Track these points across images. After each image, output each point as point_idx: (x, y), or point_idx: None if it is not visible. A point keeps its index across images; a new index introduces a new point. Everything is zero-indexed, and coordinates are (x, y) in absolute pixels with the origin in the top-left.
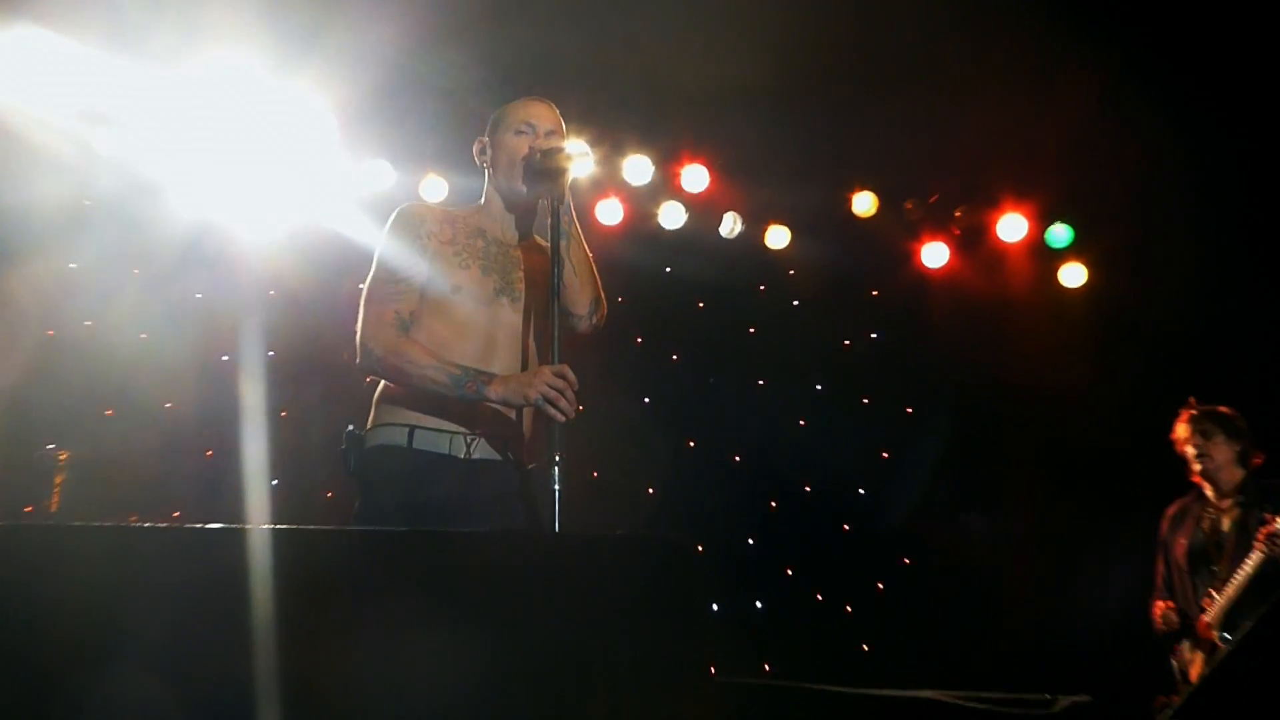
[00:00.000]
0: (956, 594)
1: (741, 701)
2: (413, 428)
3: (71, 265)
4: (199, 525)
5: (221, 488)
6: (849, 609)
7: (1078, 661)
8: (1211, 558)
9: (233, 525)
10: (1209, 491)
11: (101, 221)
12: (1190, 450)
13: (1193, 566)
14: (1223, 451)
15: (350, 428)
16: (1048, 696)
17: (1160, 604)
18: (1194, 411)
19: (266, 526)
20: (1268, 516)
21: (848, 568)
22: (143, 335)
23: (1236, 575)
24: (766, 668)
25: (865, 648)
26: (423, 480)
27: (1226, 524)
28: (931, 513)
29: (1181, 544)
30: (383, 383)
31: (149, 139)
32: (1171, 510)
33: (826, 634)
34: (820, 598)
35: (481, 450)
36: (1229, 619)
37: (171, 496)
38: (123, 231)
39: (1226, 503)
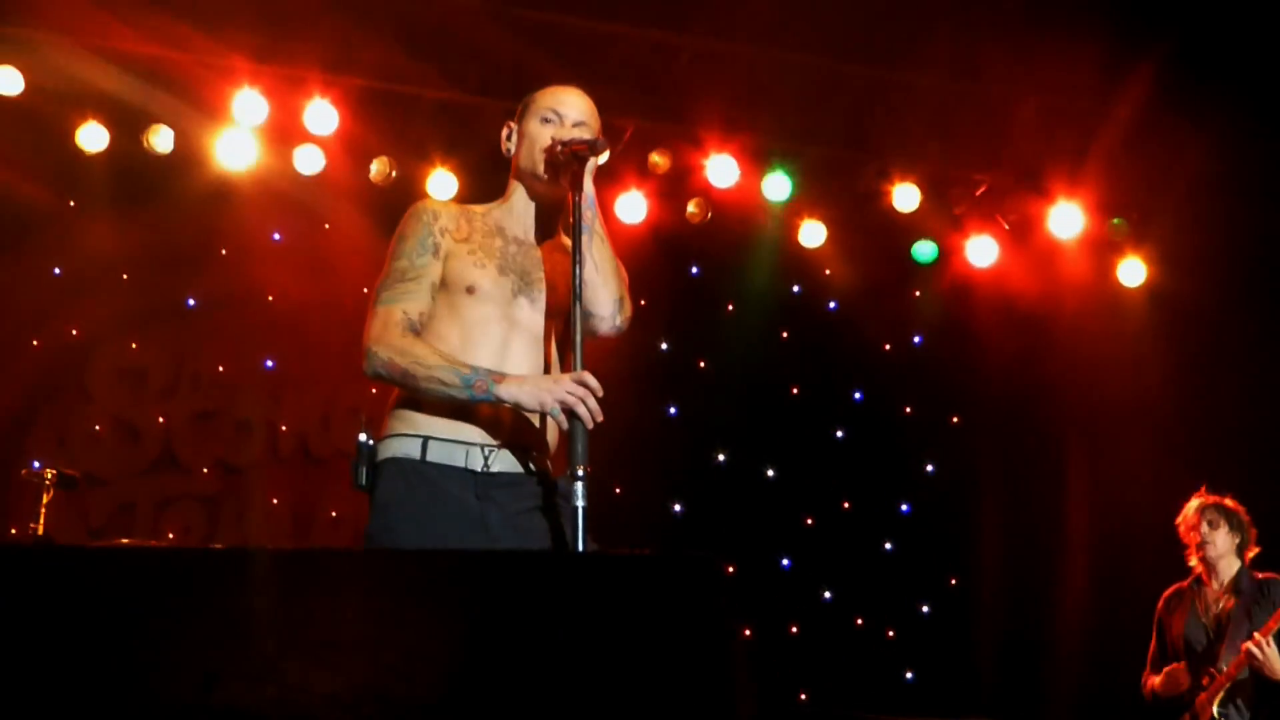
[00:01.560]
0: (1007, 617)
1: None
2: (426, 438)
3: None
4: (199, 548)
5: (217, 506)
6: (891, 634)
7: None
8: (1210, 643)
9: (233, 547)
10: (1207, 578)
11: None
12: (1195, 536)
13: (1189, 649)
14: (1225, 542)
15: (361, 438)
16: None
17: (1154, 677)
18: (1204, 499)
19: (265, 548)
20: (1255, 639)
21: (890, 589)
22: (132, 344)
23: (1235, 662)
24: (803, 696)
25: (909, 675)
26: (437, 496)
27: (1224, 612)
28: (980, 530)
29: (1179, 626)
30: (396, 393)
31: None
32: (1168, 592)
33: (867, 660)
34: (860, 622)
35: (501, 462)
36: (1226, 700)
37: (165, 516)
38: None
39: (1223, 592)
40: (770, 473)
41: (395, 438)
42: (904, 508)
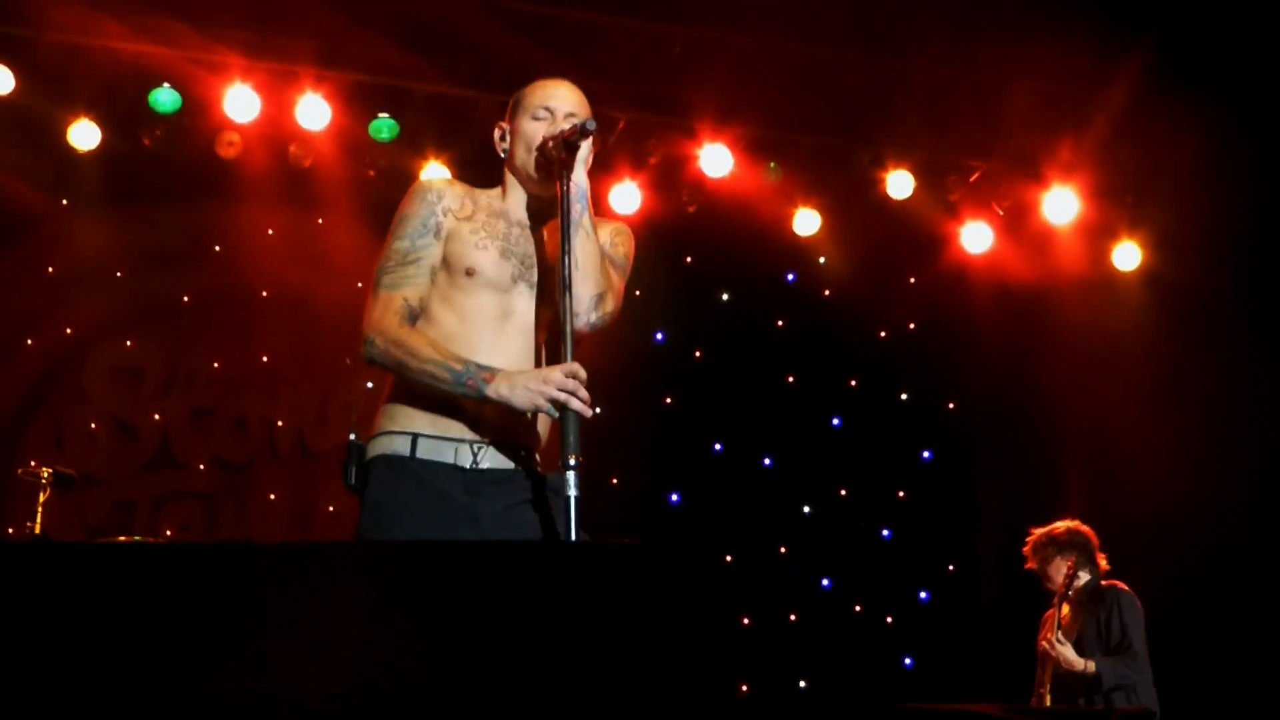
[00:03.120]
0: (1006, 602)
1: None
2: (415, 435)
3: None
4: (196, 544)
5: (216, 503)
6: (890, 620)
7: None
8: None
9: (231, 542)
10: (1057, 600)
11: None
12: (1037, 574)
13: (1041, 668)
14: (1058, 569)
15: (351, 437)
16: (1107, 708)
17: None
18: (1032, 539)
19: (264, 544)
20: (1046, 637)
21: (888, 576)
22: (128, 342)
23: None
24: (801, 684)
25: (908, 661)
26: (426, 492)
27: (1070, 622)
28: (978, 515)
29: (1039, 646)
30: (389, 385)
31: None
32: (1044, 616)
33: (866, 647)
34: (859, 609)
35: (490, 459)
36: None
37: (163, 513)
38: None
39: (1072, 606)
40: (767, 462)
41: (384, 435)
42: (901, 494)
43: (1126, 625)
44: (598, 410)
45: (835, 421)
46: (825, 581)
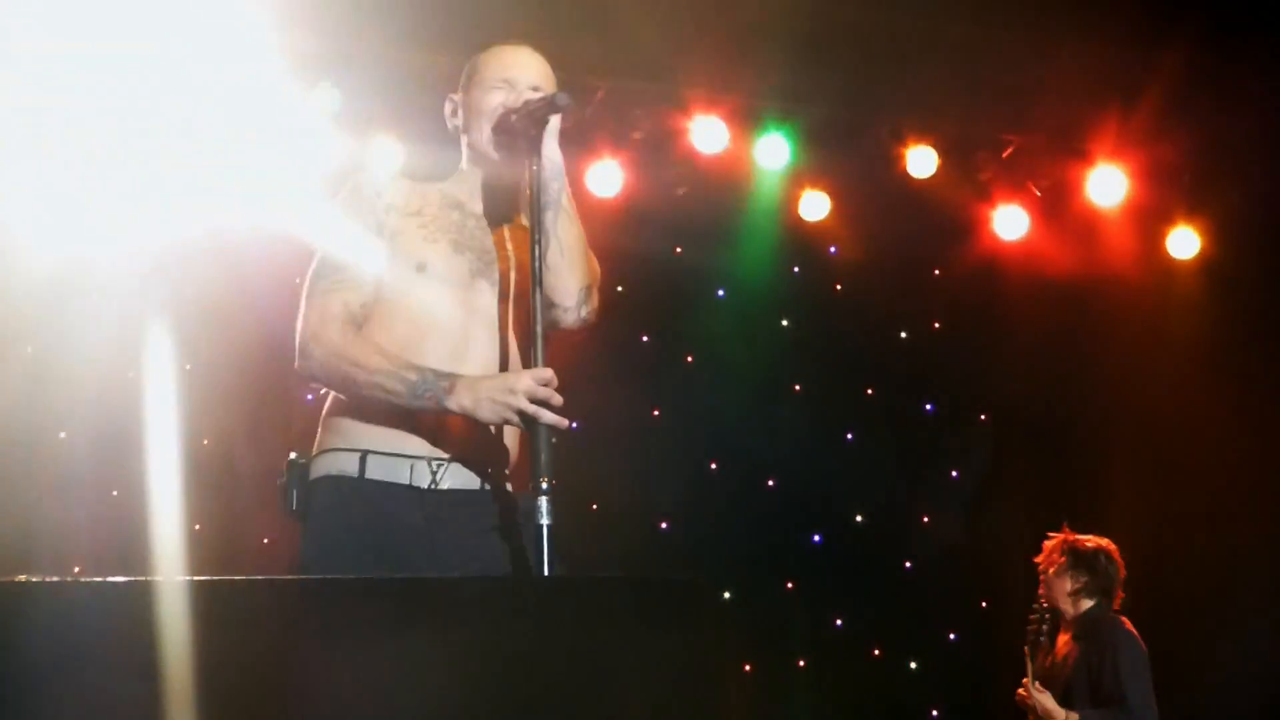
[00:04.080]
0: None
1: None
2: (365, 452)
3: None
4: (105, 579)
5: (130, 534)
6: (914, 665)
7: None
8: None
9: (146, 578)
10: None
11: None
12: (1039, 575)
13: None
14: (1060, 585)
15: (292, 455)
16: None
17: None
18: (1054, 540)
19: (187, 578)
20: (1025, 684)
21: (912, 614)
22: (28, 348)
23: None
24: None
25: (934, 713)
26: (378, 518)
27: (1063, 656)
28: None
29: (1039, 665)
30: (330, 399)
31: None
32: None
33: (886, 696)
34: (877, 653)
35: (451, 478)
36: None
37: (69, 546)
38: None
39: (1067, 635)
40: (771, 483)
41: (329, 453)
42: (926, 520)
43: (1121, 673)
44: (573, 424)
45: (849, 436)
46: (838, 621)
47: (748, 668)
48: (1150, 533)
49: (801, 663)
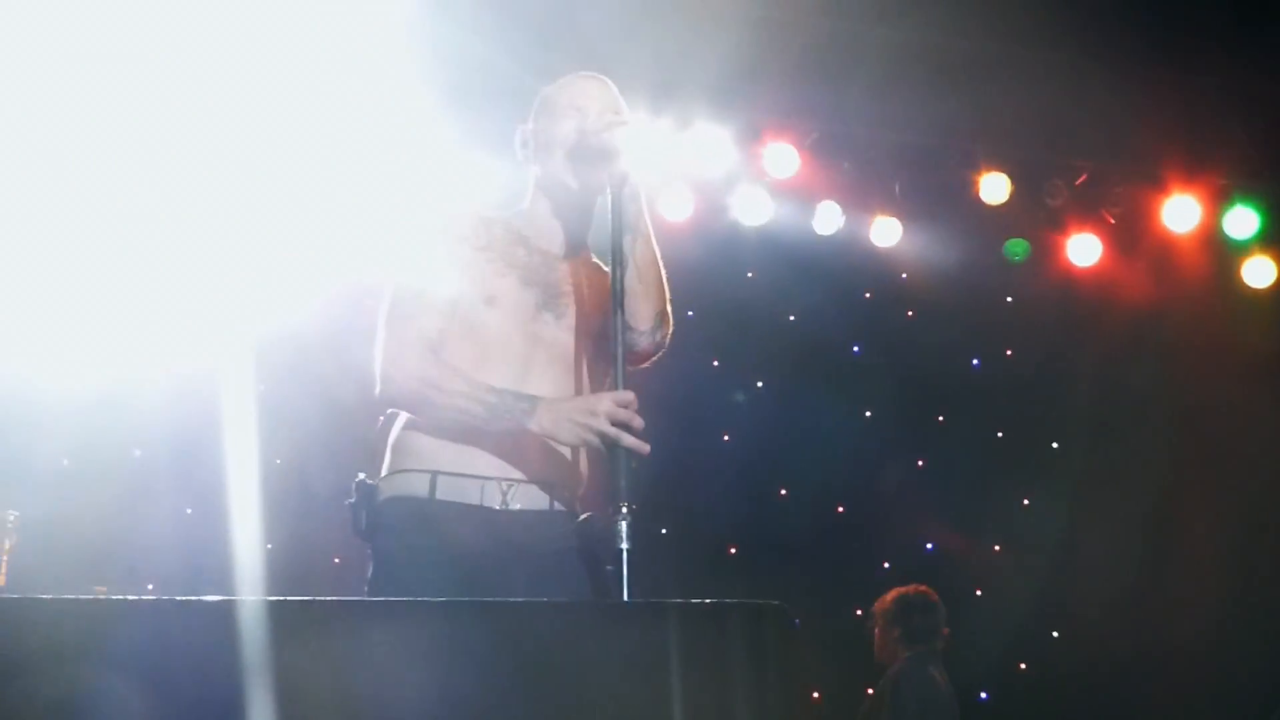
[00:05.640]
0: (1116, 675)
1: None
2: (435, 473)
3: None
4: (182, 598)
5: (202, 552)
6: (984, 696)
7: None
8: None
9: (222, 598)
10: None
11: None
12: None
13: None
14: (884, 646)
15: (361, 477)
16: None
17: None
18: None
19: (262, 598)
20: None
21: (982, 644)
22: (105, 366)
23: None
24: None
25: None
26: (449, 538)
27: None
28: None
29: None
30: (399, 422)
31: None
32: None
33: None
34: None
35: (522, 498)
36: None
37: (142, 563)
38: None
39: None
40: (840, 509)
41: (399, 474)
42: (997, 549)
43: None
44: (647, 447)
45: (919, 463)
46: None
47: (816, 695)
48: (1227, 565)
49: (870, 690)
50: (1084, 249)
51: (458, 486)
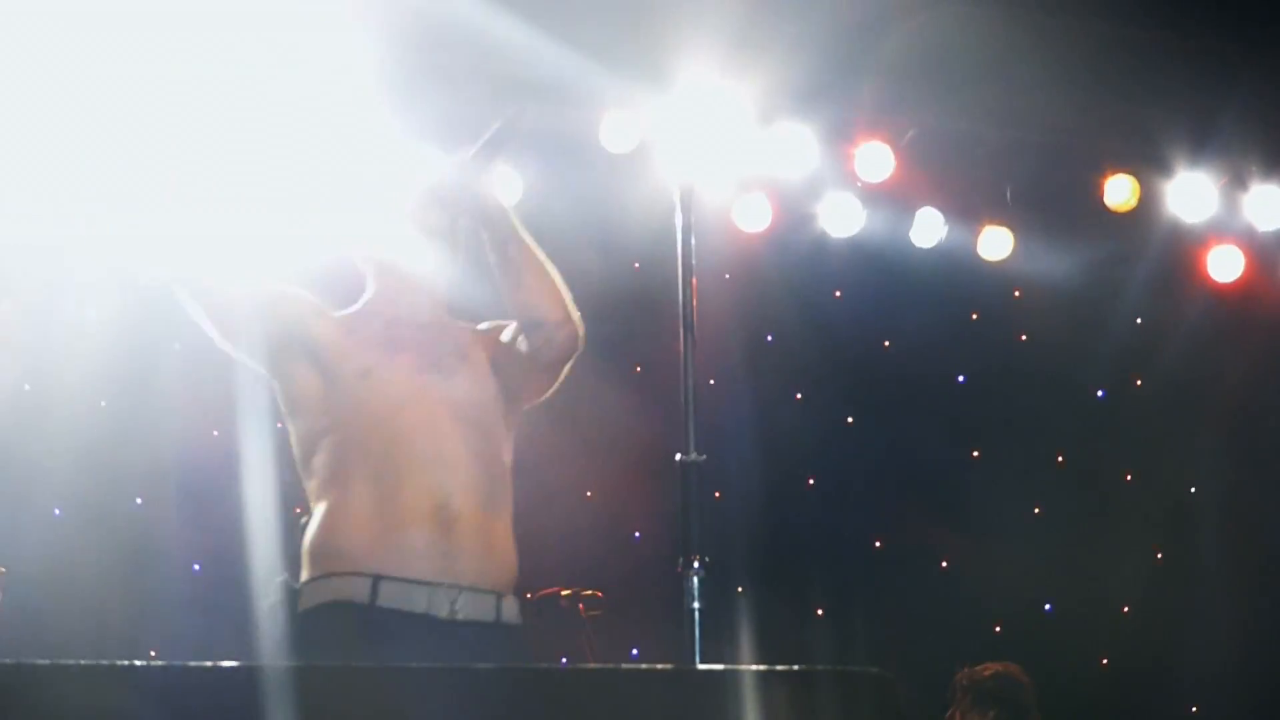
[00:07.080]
0: None
1: None
2: (377, 577)
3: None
4: (194, 664)
5: (212, 614)
6: None
7: None
8: None
9: (231, 664)
10: None
11: None
12: None
13: None
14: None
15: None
16: None
17: None
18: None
19: (283, 663)
20: None
21: (1106, 709)
22: (101, 403)
23: None
24: None
25: None
26: (396, 652)
27: None
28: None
29: None
30: (320, 515)
31: None
32: None
33: None
34: None
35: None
36: None
37: (144, 626)
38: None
39: None
40: (944, 564)
41: (332, 578)
42: (1126, 610)
43: None
44: (718, 494)
45: (1036, 510)
46: None
47: None
48: None
49: None
50: (1225, 262)
51: (402, 593)
